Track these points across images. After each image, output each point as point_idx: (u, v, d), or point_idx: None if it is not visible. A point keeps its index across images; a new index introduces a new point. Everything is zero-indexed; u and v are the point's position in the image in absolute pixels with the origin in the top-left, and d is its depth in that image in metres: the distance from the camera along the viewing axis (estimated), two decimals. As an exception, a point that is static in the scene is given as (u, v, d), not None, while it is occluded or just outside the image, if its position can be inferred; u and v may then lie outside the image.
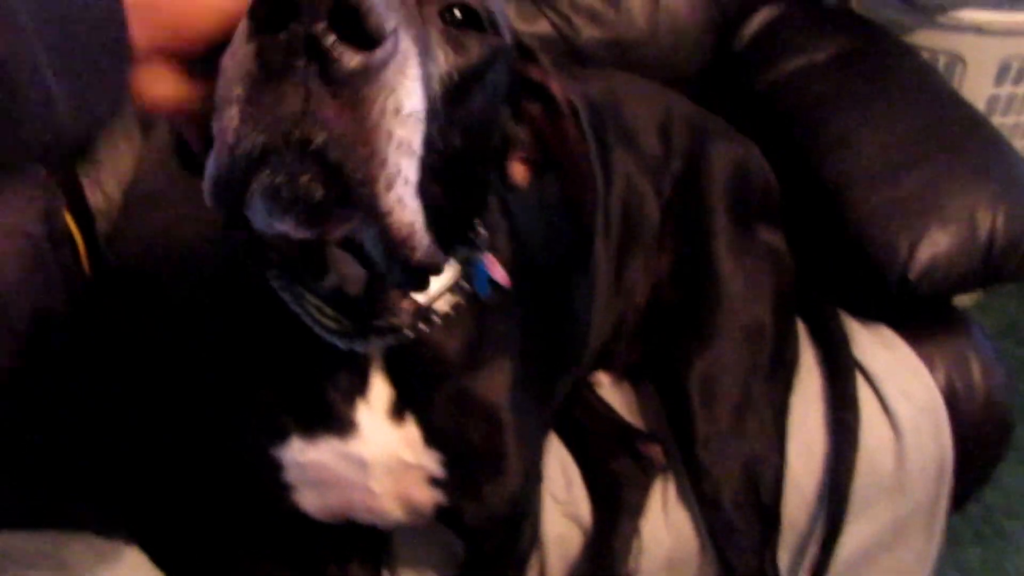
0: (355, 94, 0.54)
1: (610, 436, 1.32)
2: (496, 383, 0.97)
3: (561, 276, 1.16)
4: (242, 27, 0.55)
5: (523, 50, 0.80)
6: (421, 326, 0.85)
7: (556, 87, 0.81)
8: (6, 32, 0.47)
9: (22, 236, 1.29)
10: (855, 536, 1.31)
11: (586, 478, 1.29)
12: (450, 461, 0.95)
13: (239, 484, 1.03)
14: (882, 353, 1.36)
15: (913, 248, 1.29)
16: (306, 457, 0.93)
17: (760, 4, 1.74)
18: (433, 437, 0.93)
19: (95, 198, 2.18)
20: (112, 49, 0.56)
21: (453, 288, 0.86)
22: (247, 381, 0.96)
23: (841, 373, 1.32)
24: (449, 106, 0.66)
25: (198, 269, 1.21)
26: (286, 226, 0.60)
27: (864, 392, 1.31)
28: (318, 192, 0.56)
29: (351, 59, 0.53)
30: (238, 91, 0.55)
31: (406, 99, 0.56)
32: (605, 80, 1.45)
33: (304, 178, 0.56)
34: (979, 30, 1.83)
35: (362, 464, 0.93)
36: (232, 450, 1.01)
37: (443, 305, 0.86)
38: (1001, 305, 2.34)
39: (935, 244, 1.29)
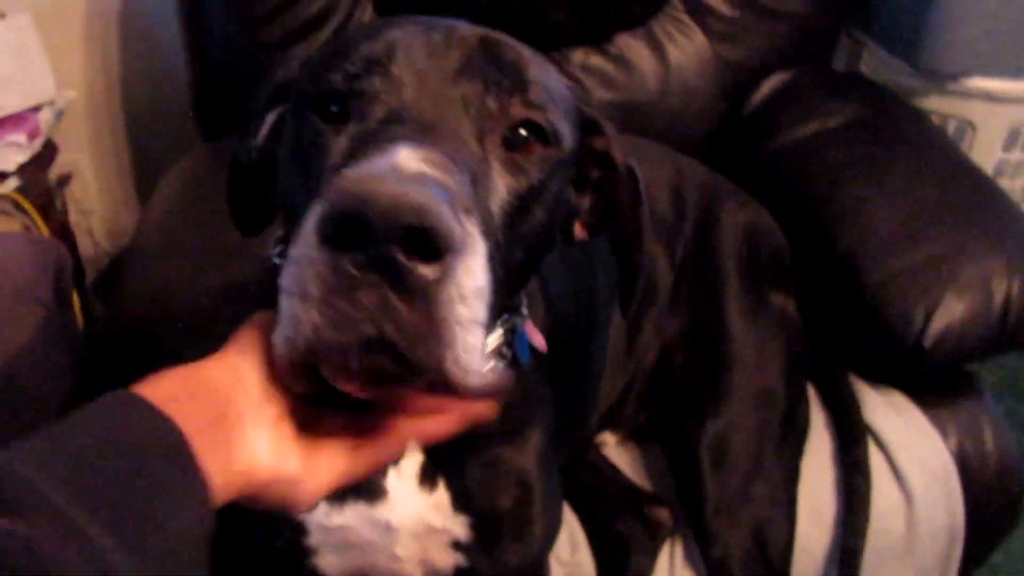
0: (425, 294, 0.58)
1: (617, 498, 1.34)
2: (528, 449, 0.99)
3: (584, 340, 1.18)
4: (312, 230, 0.58)
5: (588, 124, 0.83)
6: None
7: (618, 155, 0.84)
8: None
9: (33, 300, 1.32)
10: None
11: (592, 540, 1.30)
12: (477, 525, 0.96)
13: (257, 546, 1.04)
14: (894, 418, 1.37)
15: (928, 316, 1.30)
16: (332, 522, 0.94)
17: (771, 69, 1.77)
18: (462, 502, 0.95)
19: (85, 247, 2.22)
20: None
21: (494, 355, 0.87)
22: None
23: (852, 437, 1.33)
24: (511, 228, 0.70)
25: (204, 327, 1.23)
26: (352, 389, 0.64)
27: (875, 456, 1.32)
28: (387, 372, 0.61)
29: (423, 271, 0.57)
30: (313, 291, 0.58)
31: (472, 281, 0.60)
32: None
33: (375, 361, 0.60)
34: (989, 97, 1.85)
35: (389, 529, 0.94)
36: (251, 512, 1.03)
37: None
38: (1001, 361, 2.35)
39: (950, 312, 1.30)
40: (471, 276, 0.60)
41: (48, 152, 1.97)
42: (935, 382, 1.41)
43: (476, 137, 0.70)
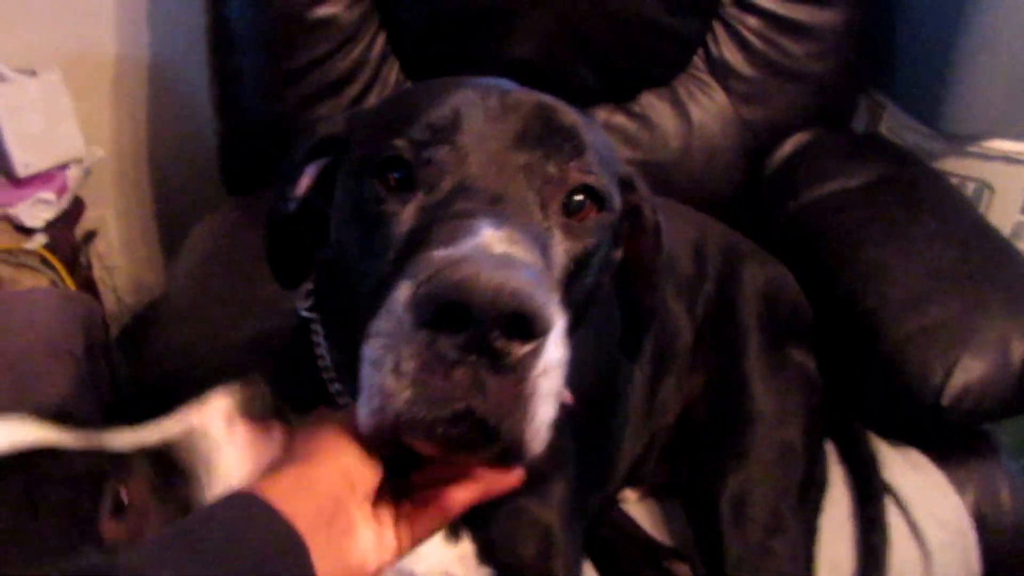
0: (516, 371, 0.62)
1: (637, 554, 1.37)
2: (551, 502, 1.03)
3: (607, 396, 1.23)
4: (406, 310, 0.63)
5: (624, 183, 0.89)
6: None
7: (648, 211, 0.91)
8: None
9: (65, 354, 1.37)
10: None
11: None
12: None
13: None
14: (911, 476, 1.41)
15: (946, 375, 1.34)
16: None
17: (792, 129, 1.83)
18: (486, 554, 0.99)
19: (109, 302, 2.27)
20: None
21: None
22: None
23: (870, 495, 1.37)
24: (568, 292, 0.76)
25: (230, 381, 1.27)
26: (430, 451, 0.68)
27: (893, 513, 1.36)
28: (470, 440, 0.65)
29: (519, 350, 0.62)
30: (408, 369, 0.63)
31: (556, 355, 0.65)
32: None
33: (460, 430, 0.64)
34: (1008, 159, 1.91)
35: (415, 582, 0.98)
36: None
37: None
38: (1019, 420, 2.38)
39: (968, 372, 1.34)
40: (556, 350, 0.65)
41: (75, 209, 2.03)
42: (952, 440, 1.45)
43: (540, 205, 0.76)
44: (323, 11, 1.70)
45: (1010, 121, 1.86)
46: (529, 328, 0.61)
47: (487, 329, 0.60)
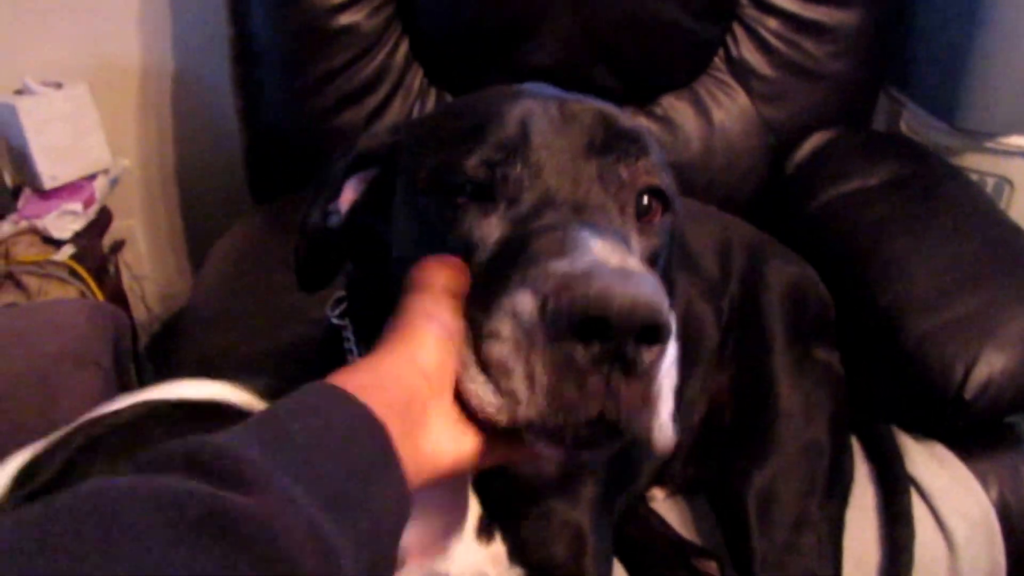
0: (644, 375, 0.66)
1: (666, 552, 1.39)
2: (581, 501, 1.06)
3: None
4: (537, 321, 0.66)
5: None
6: None
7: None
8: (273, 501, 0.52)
9: (93, 365, 1.38)
10: None
11: None
12: None
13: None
14: (936, 469, 1.44)
15: (968, 369, 1.37)
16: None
17: (812, 129, 1.86)
18: (518, 554, 1.01)
19: (138, 312, 2.30)
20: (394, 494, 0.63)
21: None
22: None
23: (895, 489, 1.39)
24: None
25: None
26: (557, 453, 0.71)
27: (918, 507, 1.39)
28: (597, 441, 0.68)
29: (648, 355, 0.65)
30: (543, 378, 0.65)
31: (673, 354, 0.68)
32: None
33: (591, 433, 0.67)
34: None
35: (448, 582, 1.01)
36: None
37: None
38: None
39: (990, 365, 1.37)
40: (673, 349, 0.68)
41: (103, 219, 2.07)
42: (976, 434, 1.48)
43: (618, 210, 0.80)
44: (345, 19, 1.74)
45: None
46: (657, 335, 0.65)
47: (623, 340, 0.64)
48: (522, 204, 0.78)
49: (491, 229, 0.78)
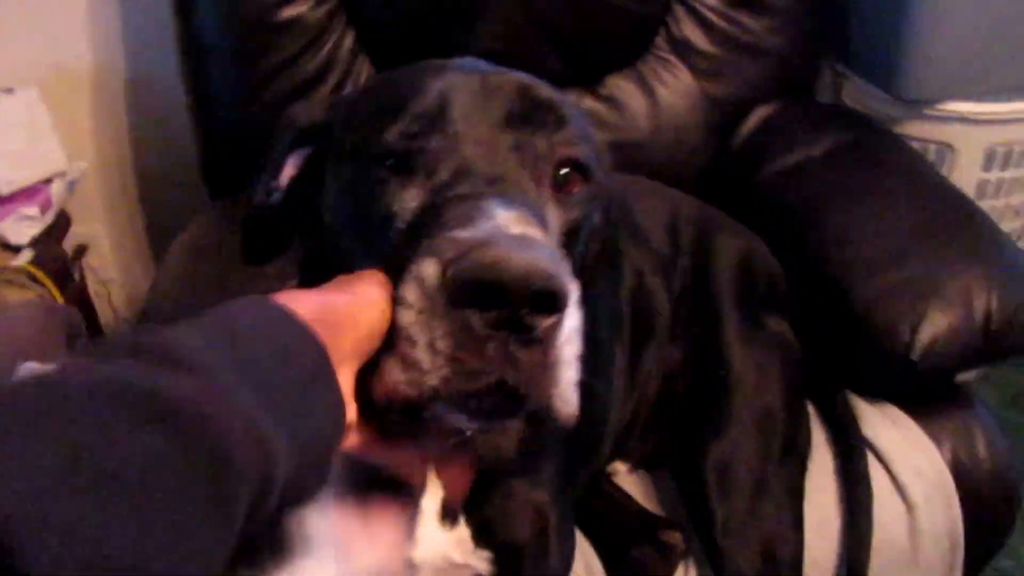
0: (541, 341, 0.65)
1: (630, 525, 1.38)
2: (542, 481, 1.05)
3: (589, 373, 1.24)
4: (436, 290, 0.66)
5: None
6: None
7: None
8: (211, 395, 0.51)
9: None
10: None
11: (608, 568, 1.34)
12: (497, 559, 1.01)
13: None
14: (891, 431, 1.43)
15: (914, 330, 1.37)
16: (353, 563, 1.00)
17: (757, 103, 1.85)
18: (482, 536, 1.00)
19: (106, 315, 2.27)
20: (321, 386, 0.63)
21: None
22: None
23: (852, 452, 1.38)
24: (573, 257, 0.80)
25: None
26: (460, 423, 0.71)
27: (875, 469, 1.38)
28: (501, 409, 0.69)
29: (545, 323, 0.65)
30: (443, 347, 0.65)
31: (573, 322, 0.68)
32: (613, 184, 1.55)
33: (493, 400, 0.67)
34: (966, 120, 1.94)
35: (411, 567, 0.98)
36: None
37: None
38: (1006, 376, 2.43)
39: (935, 325, 1.37)
40: (573, 318, 0.68)
41: (61, 223, 2.03)
42: (927, 394, 1.48)
43: (533, 182, 0.79)
44: (288, 12, 1.70)
45: (965, 83, 1.90)
46: (553, 302, 0.64)
47: (518, 307, 0.63)
48: (439, 175, 0.77)
49: (409, 199, 0.78)
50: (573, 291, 0.67)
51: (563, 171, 0.82)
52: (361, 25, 1.76)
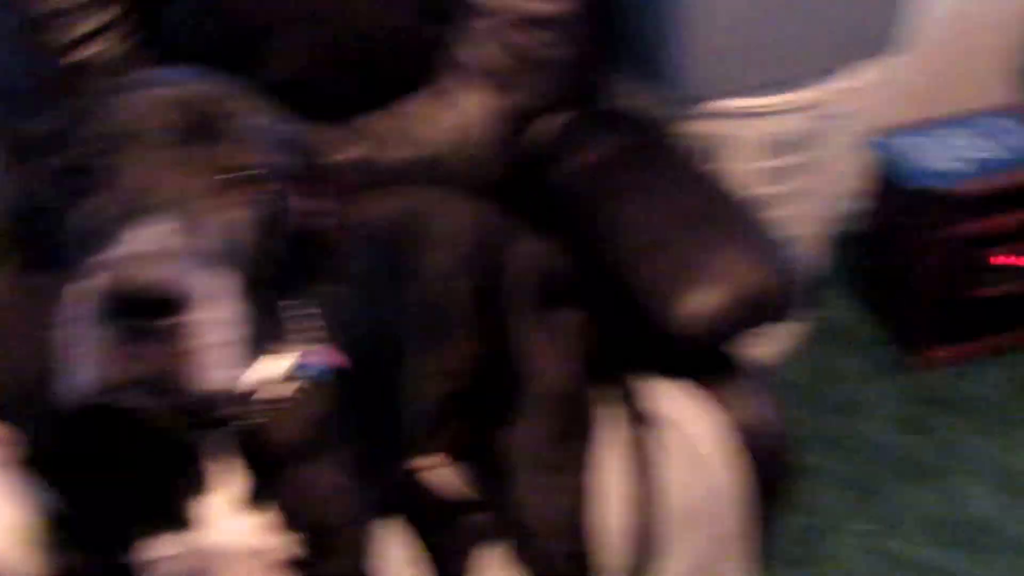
0: (178, 335, 0.75)
1: (442, 513, 1.43)
2: (341, 463, 1.10)
3: (383, 360, 1.30)
4: (82, 302, 0.75)
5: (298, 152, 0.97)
6: (264, 413, 1.00)
7: (323, 172, 1.02)
8: None
9: None
10: (676, 567, 1.46)
11: (424, 554, 1.39)
12: (300, 543, 1.06)
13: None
14: (678, 402, 1.52)
15: (686, 308, 1.46)
16: (156, 554, 1.02)
17: (547, 112, 1.91)
18: (285, 521, 1.04)
19: None
20: None
21: (294, 374, 1.02)
22: (95, 485, 1.05)
23: (637, 423, 1.48)
24: (255, 261, 0.87)
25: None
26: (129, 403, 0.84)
27: (668, 437, 1.48)
28: (157, 398, 0.81)
29: (171, 323, 0.74)
30: (94, 352, 0.75)
31: (217, 315, 0.77)
32: (405, 197, 1.64)
33: (146, 394, 0.79)
34: (739, 114, 2.04)
35: (214, 555, 1.02)
36: (84, 550, 1.11)
37: (286, 391, 1.01)
38: (813, 351, 2.59)
39: (705, 302, 1.47)
40: (217, 311, 0.77)
41: None
42: (711, 366, 1.57)
43: (198, 191, 0.84)
44: (88, 51, 1.71)
45: (733, 81, 1.99)
46: (175, 306, 0.73)
47: (148, 315, 0.73)
48: (110, 191, 0.83)
49: (81, 217, 0.83)
50: (208, 288, 0.76)
51: (232, 176, 0.86)
52: (163, 59, 1.76)
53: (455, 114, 1.88)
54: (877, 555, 2.06)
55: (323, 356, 1.05)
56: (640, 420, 1.48)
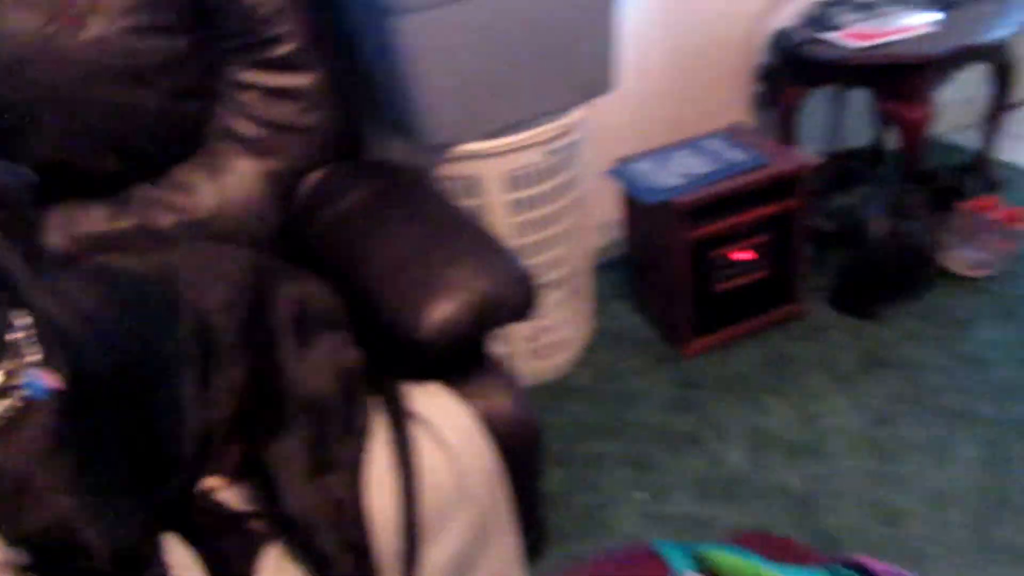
0: None
1: (224, 527, 1.55)
2: (68, 478, 1.16)
3: (144, 385, 1.41)
4: None
5: None
6: None
7: None
8: None
9: None
10: (443, 548, 1.62)
11: (206, 564, 1.49)
12: (33, 555, 1.14)
13: None
14: (432, 401, 1.70)
15: (427, 319, 1.64)
16: None
17: (310, 169, 2.08)
18: (10, 537, 1.11)
19: None
20: None
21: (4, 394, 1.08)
22: None
23: (397, 424, 1.64)
24: None
25: None
26: None
27: (423, 433, 1.64)
28: None
29: None
30: None
31: None
32: (183, 249, 1.78)
33: None
34: (482, 155, 2.28)
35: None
36: None
37: None
38: (597, 355, 2.86)
39: (443, 312, 1.65)
40: None
41: None
42: (459, 367, 1.76)
43: None
44: None
45: (469, 127, 2.23)
46: None
47: None
48: None
49: None
50: None
51: None
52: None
53: (222, 181, 2.03)
54: (652, 518, 2.27)
55: (39, 378, 1.10)
56: (400, 420, 1.64)
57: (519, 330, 2.62)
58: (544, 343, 2.72)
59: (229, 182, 2.03)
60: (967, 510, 2.21)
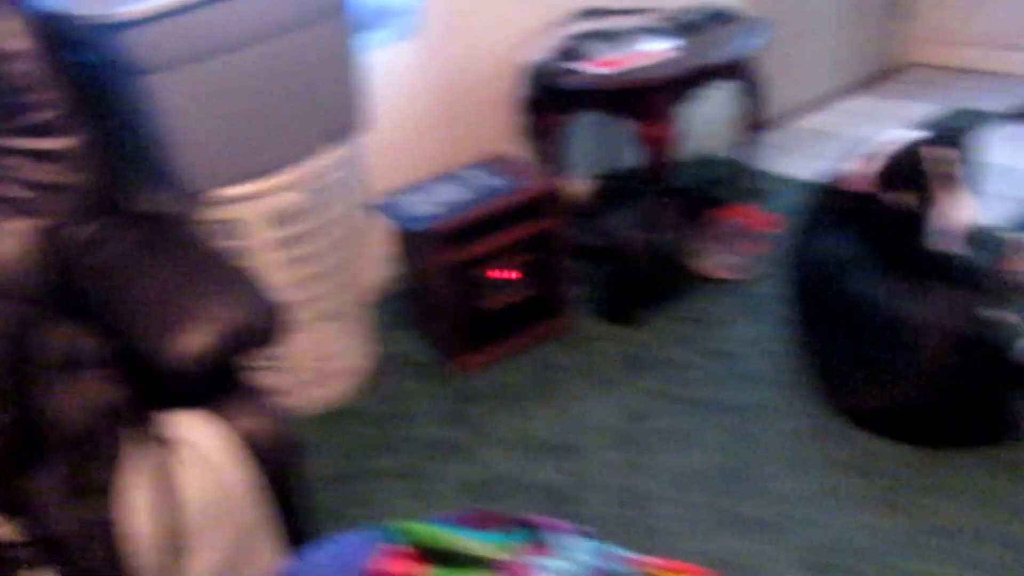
0: None
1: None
2: None
3: None
4: None
5: None
6: None
7: None
8: None
9: None
10: (206, 559, 1.73)
11: None
12: None
13: None
14: (195, 424, 1.81)
15: (182, 348, 1.77)
16: None
17: (78, 224, 2.17)
18: None
19: None
20: None
21: None
22: None
23: (158, 448, 1.75)
24: None
25: None
26: None
27: (191, 455, 1.76)
28: None
29: None
30: None
31: None
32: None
33: None
34: (240, 198, 2.41)
35: None
36: None
37: None
38: (383, 380, 3.03)
39: (195, 341, 1.78)
40: None
41: None
42: (220, 390, 1.89)
43: None
44: None
45: (224, 175, 2.37)
46: None
47: None
48: None
49: None
50: None
51: None
52: None
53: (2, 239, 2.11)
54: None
55: None
56: (160, 445, 1.75)
57: (302, 359, 2.75)
58: (328, 371, 2.86)
59: (8, 241, 2.11)
60: (709, 489, 2.44)
